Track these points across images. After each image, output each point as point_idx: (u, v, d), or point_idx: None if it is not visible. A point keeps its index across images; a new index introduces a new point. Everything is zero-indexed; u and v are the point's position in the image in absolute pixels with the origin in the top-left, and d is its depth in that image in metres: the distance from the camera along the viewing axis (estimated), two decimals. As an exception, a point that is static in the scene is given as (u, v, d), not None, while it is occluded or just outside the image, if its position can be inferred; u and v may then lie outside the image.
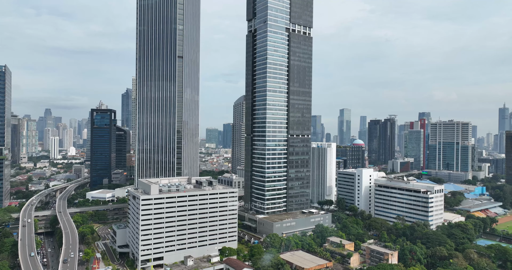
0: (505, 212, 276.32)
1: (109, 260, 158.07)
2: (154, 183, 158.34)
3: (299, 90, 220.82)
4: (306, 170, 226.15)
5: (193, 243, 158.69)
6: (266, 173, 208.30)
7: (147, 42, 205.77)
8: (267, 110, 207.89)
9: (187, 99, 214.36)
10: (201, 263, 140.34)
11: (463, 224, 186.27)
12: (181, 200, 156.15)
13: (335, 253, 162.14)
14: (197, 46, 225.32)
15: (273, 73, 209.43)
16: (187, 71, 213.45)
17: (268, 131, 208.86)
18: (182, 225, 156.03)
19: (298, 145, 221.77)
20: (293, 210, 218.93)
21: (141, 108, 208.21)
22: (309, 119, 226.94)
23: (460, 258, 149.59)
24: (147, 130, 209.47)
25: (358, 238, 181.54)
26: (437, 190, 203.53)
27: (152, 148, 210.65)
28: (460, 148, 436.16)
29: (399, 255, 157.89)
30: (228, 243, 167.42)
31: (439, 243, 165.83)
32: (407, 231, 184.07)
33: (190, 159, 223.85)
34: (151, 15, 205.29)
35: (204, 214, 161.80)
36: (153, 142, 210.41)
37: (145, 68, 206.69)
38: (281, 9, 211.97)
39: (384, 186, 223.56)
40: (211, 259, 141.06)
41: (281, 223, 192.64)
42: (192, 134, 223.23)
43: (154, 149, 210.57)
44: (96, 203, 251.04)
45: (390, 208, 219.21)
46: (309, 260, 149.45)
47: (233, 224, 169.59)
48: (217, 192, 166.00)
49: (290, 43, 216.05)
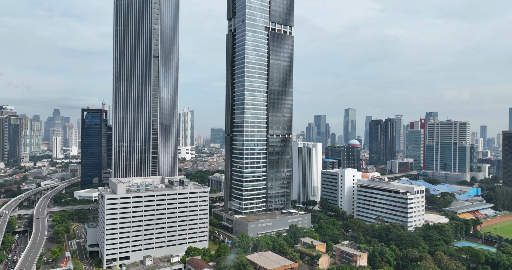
0: (495, 214, 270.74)
1: (77, 259, 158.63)
2: (122, 183, 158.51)
3: (279, 89, 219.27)
4: (287, 170, 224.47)
5: (162, 243, 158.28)
6: (244, 173, 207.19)
7: (123, 41, 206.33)
8: (245, 109, 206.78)
9: (164, 99, 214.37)
10: (160, 263, 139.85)
11: (440, 225, 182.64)
12: (148, 200, 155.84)
13: (305, 254, 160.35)
14: (175, 46, 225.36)
15: (251, 73, 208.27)
16: (163, 70, 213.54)
17: (246, 130, 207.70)
18: (149, 224, 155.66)
19: (278, 145, 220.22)
20: (272, 211, 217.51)
21: (117, 108, 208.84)
22: (290, 118, 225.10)
23: (430, 260, 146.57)
24: (123, 130, 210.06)
25: (333, 239, 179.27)
26: (417, 191, 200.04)
27: (128, 148, 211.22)
28: (457, 148, 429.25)
29: (370, 257, 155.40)
30: (199, 243, 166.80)
31: (412, 244, 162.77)
32: (383, 232, 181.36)
33: (168, 159, 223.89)
34: (128, 15, 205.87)
35: (173, 214, 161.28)
36: (129, 141, 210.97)
37: (121, 68, 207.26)
38: (260, 8, 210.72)
39: (366, 186, 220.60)
40: (170, 259, 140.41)
41: (256, 224, 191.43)
42: (170, 133, 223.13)
43: (131, 149, 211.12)
44: (81, 202, 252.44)
45: (371, 209, 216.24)
46: (274, 261, 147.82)
47: (203, 224, 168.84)
48: (187, 192, 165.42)
49: (270, 42, 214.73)
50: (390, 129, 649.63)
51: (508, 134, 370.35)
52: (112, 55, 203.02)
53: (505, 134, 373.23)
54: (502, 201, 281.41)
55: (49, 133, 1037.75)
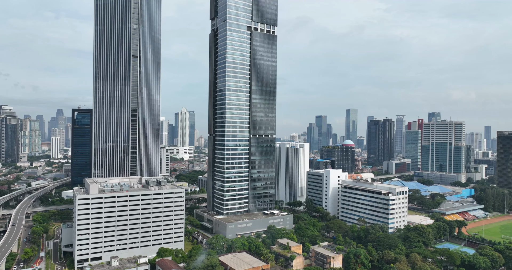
0: (485, 215, 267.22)
1: (51, 259, 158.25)
2: (95, 183, 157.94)
3: (262, 89, 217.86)
4: (270, 170, 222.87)
5: (135, 243, 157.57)
6: (225, 174, 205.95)
7: (103, 41, 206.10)
8: (226, 109, 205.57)
9: (144, 99, 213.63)
10: (127, 264, 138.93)
11: (420, 227, 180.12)
12: (121, 200, 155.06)
13: (280, 255, 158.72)
14: (156, 46, 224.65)
15: (233, 72, 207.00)
16: (143, 70, 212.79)
17: (228, 131, 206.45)
18: (123, 225, 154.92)
19: (261, 145, 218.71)
20: (255, 211, 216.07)
21: (97, 108, 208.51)
22: (273, 118, 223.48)
23: (404, 262, 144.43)
24: (103, 129, 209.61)
25: (312, 240, 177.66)
26: (399, 192, 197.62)
27: (108, 147, 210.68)
28: (453, 149, 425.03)
29: (345, 259, 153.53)
30: (174, 243, 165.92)
31: (390, 246, 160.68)
32: (362, 233, 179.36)
33: (150, 159, 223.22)
34: (107, 15, 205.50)
35: (147, 214, 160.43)
36: (109, 141, 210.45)
37: (101, 67, 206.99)
38: (242, 8, 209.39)
39: (349, 187, 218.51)
40: (138, 260, 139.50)
41: (235, 224, 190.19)
42: (152, 133, 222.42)
43: (110, 148, 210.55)
44: (68, 202, 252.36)
45: (354, 210, 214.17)
46: (246, 262, 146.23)
47: (179, 225, 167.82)
48: (161, 192, 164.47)
49: (253, 41, 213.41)
50: (389, 130, 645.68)
51: (502, 134, 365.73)
52: (92, 55, 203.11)
53: (499, 134, 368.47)
54: (493, 203, 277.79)
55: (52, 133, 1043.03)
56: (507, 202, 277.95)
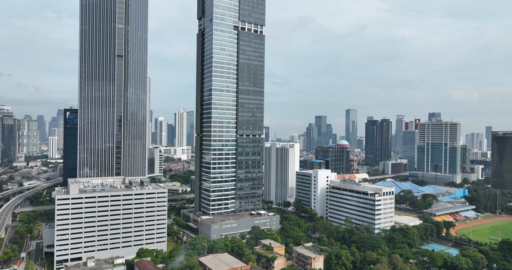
0: (476, 216, 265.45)
1: (32, 260, 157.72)
2: (76, 183, 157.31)
3: (249, 89, 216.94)
4: (257, 170, 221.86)
5: (117, 244, 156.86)
6: (212, 174, 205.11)
7: (88, 40, 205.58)
8: (212, 109, 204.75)
9: (129, 99, 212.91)
10: (103, 265, 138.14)
11: (405, 228, 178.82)
12: (102, 200, 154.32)
13: (262, 256, 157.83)
14: (142, 46, 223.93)
15: (219, 72, 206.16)
16: (129, 70, 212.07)
17: (214, 131, 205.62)
18: (103, 225, 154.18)
19: (248, 145, 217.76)
20: (242, 212, 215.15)
21: (82, 107, 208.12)
22: (261, 118, 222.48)
23: (385, 263, 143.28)
24: (89, 129, 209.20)
25: (296, 241, 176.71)
26: (385, 192, 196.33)
27: (93, 147, 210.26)
28: (448, 149, 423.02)
29: (327, 260, 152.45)
30: (156, 244, 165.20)
31: (373, 247, 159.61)
32: (346, 234, 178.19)
33: (136, 159, 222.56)
34: (93, 14, 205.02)
35: (129, 215, 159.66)
36: (94, 141, 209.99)
37: (87, 67, 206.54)
38: (229, 7, 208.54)
39: (337, 188, 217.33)
40: (114, 261, 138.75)
41: (220, 225, 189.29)
42: (137, 134, 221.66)
43: (96, 148, 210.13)
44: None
45: (342, 211, 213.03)
46: (226, 263, 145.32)
47: (161, 225, 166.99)
48: (143, 193, 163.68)
49: (240, 41, 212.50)
50: (386, 130, 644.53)
51: (497, 134, 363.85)
52: (78, 54, 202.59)
53: (494, 134, 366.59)
54: (485, 203, 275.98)
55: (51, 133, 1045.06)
56: (499, 202, 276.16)
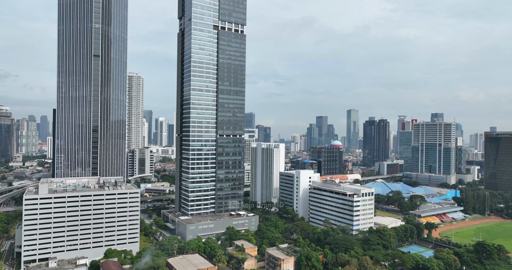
0: (464, 217, 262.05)
1: (3, 259, 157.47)
2: (46, 183, 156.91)
3: (230, 89, 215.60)
4: (238, 171, 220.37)
5: (87, 244, 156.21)
6: (190, 174, 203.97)
7: (66, 40, 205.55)
8: (191, 109, 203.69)
9: (106, 99, 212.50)
10: (66, 265, 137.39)
11: (382, 229, 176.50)
12: (72, 200, 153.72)
13: (233, 257, 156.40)
14: (122, 46, 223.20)
15: (198, 72, 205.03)
16: (106, 70, 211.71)
17: (193, 131, 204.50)
18: (73, 225, 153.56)
19: (229, 145, 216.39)
20: (222, 212, 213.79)
21: (60, 107, 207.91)
22: (242, 118, 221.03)
23: (354, 265, 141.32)
24: (66, 129, 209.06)
25: (271, 242, 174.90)
26: (364, 193, 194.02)
27: (70, 147, 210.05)
28: (442, 150, 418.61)
29: (297, 261, 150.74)
30: (128, 244, 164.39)
31: (346, 249, 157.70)
32: (321, 235, 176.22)
33: (115, 159, 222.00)
34: (70, 13, 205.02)
35: (100, 215, 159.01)
36: (71, 141, 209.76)
37: (64, 67, 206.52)
38: (208, 7, 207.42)
39: (318, 188, 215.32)
40: (77, 262, 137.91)
41: (196, 225, 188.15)
42: (116, 134, 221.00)
43: (72, 148, 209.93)
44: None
45: (322, 211, 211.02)
46: (194, 264, 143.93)
47: (134, 225, 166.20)
48: (115, 193, 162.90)
49: (220, 41, 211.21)
50: (384, 130, 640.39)
51: (490, 135, 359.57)
52: (56, 54, 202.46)
53: (487, 135, 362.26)
54: (473, 204, 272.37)
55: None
56: (487, 204, 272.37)
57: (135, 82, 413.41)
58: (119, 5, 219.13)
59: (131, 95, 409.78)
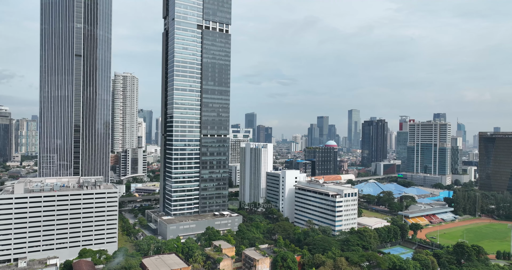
0: (454, 218, 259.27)
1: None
2: (24, 182, 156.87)
3: (214, 88, 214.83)
4: (223, 171, 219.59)
5: (64, 244, 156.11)
6: (173, 174, 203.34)
7: (48, 40, 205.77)
8: (174, 109, 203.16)
9: (89, 98, 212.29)
10: (36, 265, 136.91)
11: (363, 230, 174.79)
12: (48, 200, 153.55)
13: (210, 257, 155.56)
14: (105, 45, 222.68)
15: (182, 71, 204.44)
16: (89, 69, 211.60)
17: (176, 130, 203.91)
18: (49, 225, 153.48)
19: (213, 145, 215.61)
20: (206, 212, 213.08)
21: (43, 107, 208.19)
22: (226, 118, 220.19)
23: (328, 266, 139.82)
24: (49, 129, 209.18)
25: (251, 243, 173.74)
26: (347, 193, 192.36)
27: (53, 147, 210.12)
28: (438, 150, 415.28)
29: (274, 262, 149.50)
30: (106, 244, 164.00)
31: (324, 249, 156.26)
32: (301, 236, 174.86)
33: (98, 159, 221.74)
34: (52, 13, 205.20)
35: (77, 215, 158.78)
36: (54, 141, 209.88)
37: (47, 66, 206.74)
38: (192, 6, 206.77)
39: (302, 189, 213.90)
40: (47, 262, 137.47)
41: (177, 225, 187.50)
42: (100, 133, 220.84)
43: (55, 148, 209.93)
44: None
45: (306, 212, 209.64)
46: (167, 264, 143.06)
47: (112, 225, 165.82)
48: (93, 192, 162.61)
49: (204, 40, 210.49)
50: (382, 130, 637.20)
51: (485, 135, 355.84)
52: (39, 53, 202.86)
53: (481, 135, 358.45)
54: (464, 205, 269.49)
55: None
56: (478, 205, 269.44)
57: (129, 82, 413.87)
58: (103, 5, 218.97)
59: (125, 95, 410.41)
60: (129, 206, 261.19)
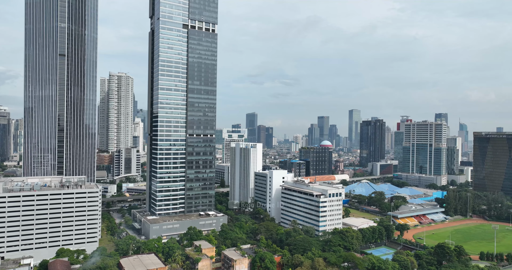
0: (444, 219, 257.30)
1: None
2: (3, 181, 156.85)
3: (200, 88, 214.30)
4: (209, 170, 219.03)
5: (43, 243, 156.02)
6: (158, 173, 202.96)
7: (32, 40, 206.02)
8: (159, 108, 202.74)
9: (73, 98, 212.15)
10: (9, 264, 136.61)
11: (345, 231, 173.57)
12: (27, 200, 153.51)
13: (189, 257, 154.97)
14: (90, 45, 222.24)
15: (167, 71, 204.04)
16: (74, 69, 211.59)
17: (161, 130, 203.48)
18: (28, 225, 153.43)
19: (199, 145, 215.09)
20: (192, 212, 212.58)
21: (27, 107, 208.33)
22: (213, 118, 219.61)
23: (305, 267, 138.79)
24: (33, 129, 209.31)
25: (234, 243, 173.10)
26: (331, 193, 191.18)
27: (39, 147, 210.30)
28: (433, 150, 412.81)
29: (252, 262, 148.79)
30: (87, 244, 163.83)
31: (304, 250, 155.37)
32: (283, 236, 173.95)
33: (83, 159, 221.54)
34: (37, 13, 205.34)
35: (57, 214, 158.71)
36: (38, 140, 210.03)
37: (31, 66, 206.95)
38: (177, 5, 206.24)
39: (288, 189, 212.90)
40: (21, 261, 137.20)
41: (160, 225, 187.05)
42: (85, 133, 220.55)
43: (40, 148, 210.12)
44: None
45: (292, 212, 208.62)
46: (145, 264, 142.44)
47: (93, 225, 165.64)
48: (73, 192, 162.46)
49: (189, 40, 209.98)
50: (379, 131, 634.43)
51: (479, 135, 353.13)
52: (24, 54, 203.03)
53: (476, 135, 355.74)
54: (454, 206, 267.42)
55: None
56: (469, 205, 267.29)
57: (124, 82, 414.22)
58: (88, 5, 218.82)
59: (119, 95, 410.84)
60: (119, 206, 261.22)
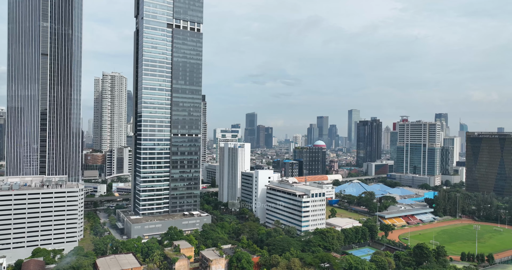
0: (433, 219, 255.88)
1: None
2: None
3: (185, 88, 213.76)
4: (194, 170, 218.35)
5: (21, 243, 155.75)
6: (142, 173, 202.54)
7: (15, 39, 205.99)
8: (143, 108, 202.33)
9: (57, 98, 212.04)
10: None
11: (325, 231, 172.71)
12: (4, 199, 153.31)
13: (167, 257, 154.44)
14: (75, 44, 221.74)
15: (151, 70, 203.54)
16: (57, 68, 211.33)
17: (145, 129, 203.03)
18: (6, 224, 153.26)
19: (184, 144, 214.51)
20: (177, 212, 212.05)
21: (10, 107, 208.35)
22: (198, 117, 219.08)
23: (281, 267, 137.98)
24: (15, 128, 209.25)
25: (215, 243, 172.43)
26: (314, 193, 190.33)
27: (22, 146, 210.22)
28: (427, 150, 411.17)
29: (230, 262, 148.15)
30: (66, 243, 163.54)
31: (283, 250, 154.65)
32: (264, 236, 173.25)
33: (68, 158, 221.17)
34: (19, 12, 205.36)
35: (35, 214, 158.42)
36: (22, 140, 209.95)
37: (14, 65, 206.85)
38: (162, 5, 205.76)
39: (273, 189, 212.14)
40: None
41: (142, 225, 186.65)
42: (68, 133, 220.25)
43: (23, 147, 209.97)
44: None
45: (276, 212, 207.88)
46: (120, 264, 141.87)
47: (72, 225, 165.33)
48: (52, 191, 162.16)
49: (174, 39, 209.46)
50: (376, 130, 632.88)
51: (472, 135, 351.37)
52: (6, 54, 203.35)
53: (469, 135, 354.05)
54: (444, 206, 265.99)
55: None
56: (459, 206, 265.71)
57: (117, 81, 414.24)
58: (72, 4, 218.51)
59: (113, 94, 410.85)
60: (106, 206, 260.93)
